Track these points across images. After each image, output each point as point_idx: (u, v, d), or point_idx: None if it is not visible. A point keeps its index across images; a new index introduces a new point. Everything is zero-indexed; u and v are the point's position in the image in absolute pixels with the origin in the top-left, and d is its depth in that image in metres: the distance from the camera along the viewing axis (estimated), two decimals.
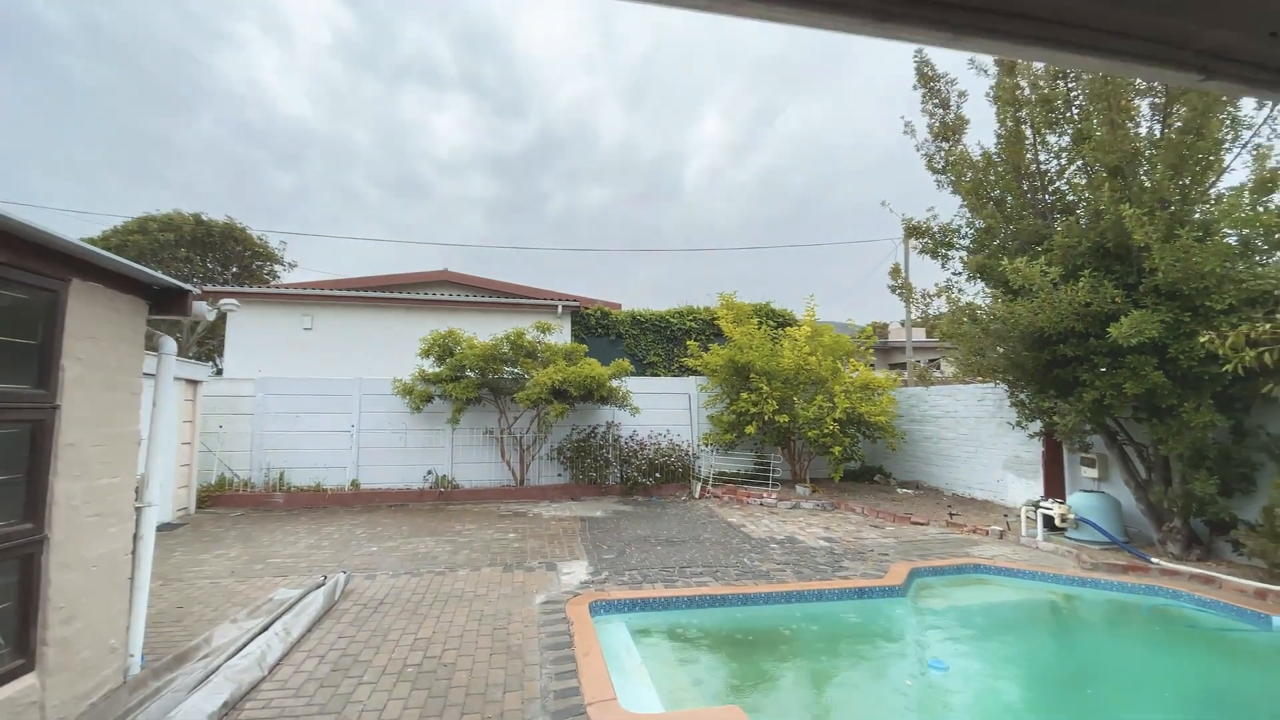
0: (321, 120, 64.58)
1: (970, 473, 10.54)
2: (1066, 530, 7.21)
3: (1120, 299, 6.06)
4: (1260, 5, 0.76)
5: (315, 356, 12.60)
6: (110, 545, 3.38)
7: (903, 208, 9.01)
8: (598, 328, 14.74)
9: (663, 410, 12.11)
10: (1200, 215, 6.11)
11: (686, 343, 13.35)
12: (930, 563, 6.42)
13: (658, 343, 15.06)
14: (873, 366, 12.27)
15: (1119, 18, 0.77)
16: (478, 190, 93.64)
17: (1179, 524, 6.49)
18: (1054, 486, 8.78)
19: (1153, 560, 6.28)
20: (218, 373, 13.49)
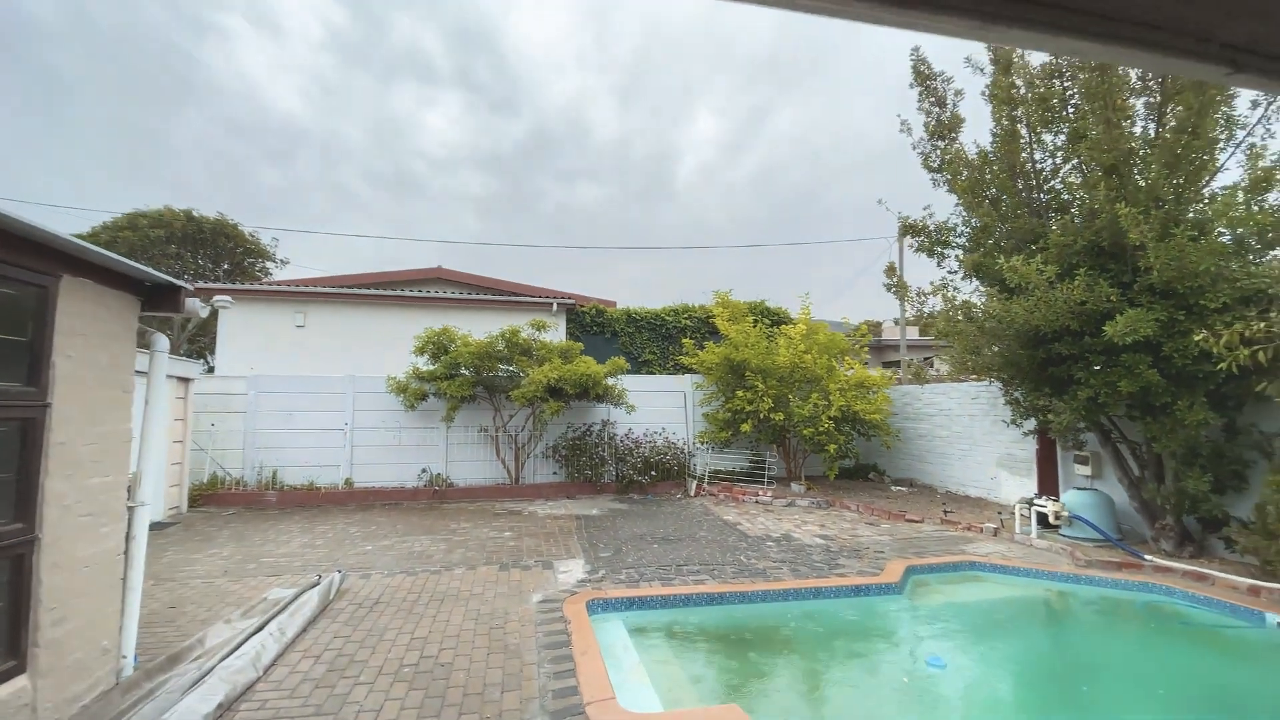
0: (313, 116, 64.03)
1: (964, 470, 10.60)
2: (1060, 527, 7.26)
3: (1115, 297, 6.10)
4: None
5: (308, 354, 12.50)
6: (102, 545, 3.34)
7: (898, 206, 9.05)
8: (593, 326, 14.71)
9: (658, 408, 12.09)
10: (1195, 214, 6.15)
11: (682, 341, 13.35)
12: (926, 560, 6.44)
13: (653, 340, 15.04)
14: (867, 365, 12.29)
15: (1146, 7, 0.75)
16: (471, 187, 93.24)
17: (1172, 521, 6.55)
18: (1048, 484, 8.84)
19: (1146, 557, 6.33)
20: (209, 370, 13.37)
